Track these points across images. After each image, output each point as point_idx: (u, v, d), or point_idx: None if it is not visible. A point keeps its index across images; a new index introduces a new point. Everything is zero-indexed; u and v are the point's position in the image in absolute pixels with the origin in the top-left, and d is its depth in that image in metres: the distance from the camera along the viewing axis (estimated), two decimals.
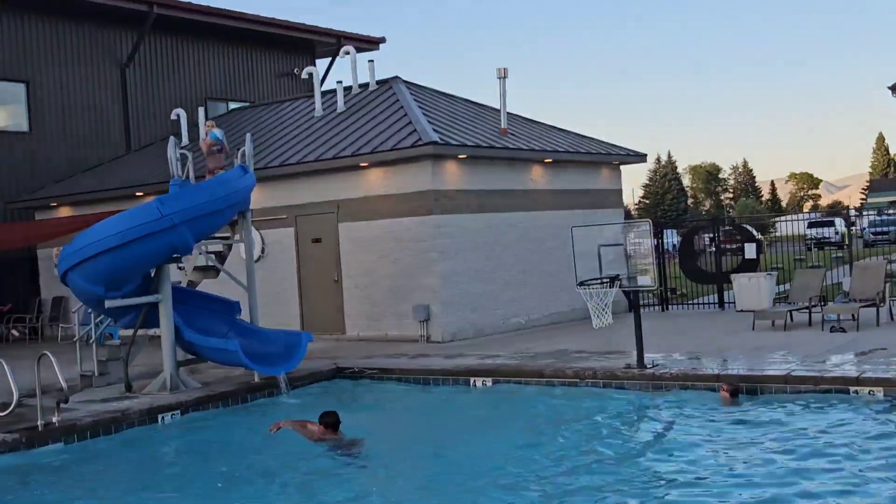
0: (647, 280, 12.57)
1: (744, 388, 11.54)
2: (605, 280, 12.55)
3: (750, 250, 20.88)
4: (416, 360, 15.16)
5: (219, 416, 12.73)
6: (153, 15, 26.53)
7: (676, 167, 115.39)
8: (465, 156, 17.75)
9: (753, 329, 16.42)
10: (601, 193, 21.80)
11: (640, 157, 22.76)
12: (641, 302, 22.18)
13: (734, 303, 19.93)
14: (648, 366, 12.85)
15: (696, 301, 22.21)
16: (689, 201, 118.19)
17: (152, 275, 13.64)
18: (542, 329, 18.87)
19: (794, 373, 11.69)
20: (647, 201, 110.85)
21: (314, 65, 33.13)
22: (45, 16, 25.42)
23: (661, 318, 20.31)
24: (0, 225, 23.38)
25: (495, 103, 20.01)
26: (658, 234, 22.29)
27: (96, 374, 14.56)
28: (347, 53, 22.34)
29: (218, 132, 15.20)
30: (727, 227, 24.17)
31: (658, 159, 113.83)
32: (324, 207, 18.74)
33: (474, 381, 13.78)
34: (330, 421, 10.39)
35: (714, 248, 21.60)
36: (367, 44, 33.76)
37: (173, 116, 23.53)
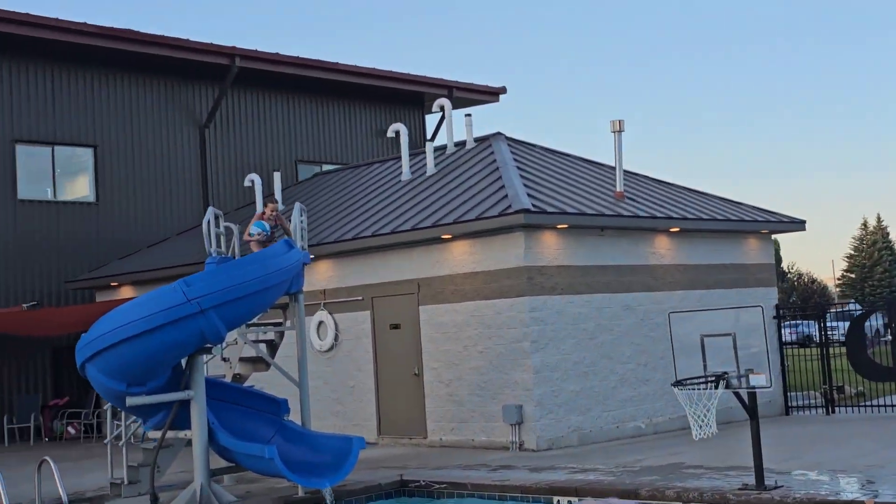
0: (761, 380, 11.90)
1: None
2: (709, 379, 11.96)
3: None
4: (496, 473, 14.81)
5: None
6: (235, 69, 27.64)
7: (888, 233, 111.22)
8: (565, 225, 17.48)
9: None
10: (747, 269, 21.06)
11: (798, 224, 21.94)
12: (801, 404, 21.40)
13: None
14: (771, 486, 12.11)
15: (872, 403, 21.01)
16: None
17: (184, 367, 13.86)
18: (666, 436, 18.19)
19: None
20: (853, 275, 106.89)
21: (423, 120, 33.73)
22: (114, 72, 26.83)
23: (821, 423, 19.30)
24: (58, 309, 24.46)
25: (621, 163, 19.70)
26: (820, 318, 21.32)
27: (125, 482, 14.82)
28: (442, 108, 22.55)
29: (265, 224, 15.41)
30: None
31: (864, 224, 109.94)
32: (403, 287, 18.77)
33: (558, 500, 13.32)
34: None
35: (891, 337, 20.42)
36: (485, 95, 34.14)
37: (247, 183, 24.23)
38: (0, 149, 25.06)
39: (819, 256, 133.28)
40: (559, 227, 17.55)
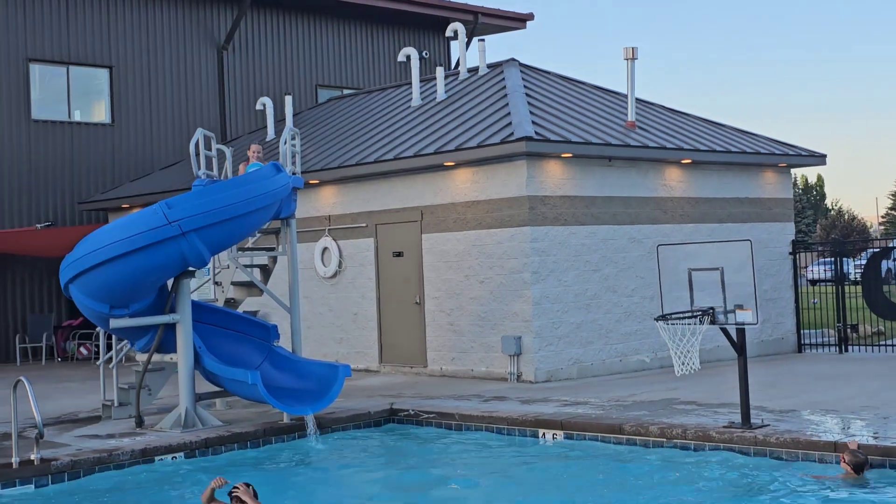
0: (748, 316, 11.55)
1: (869, 462, 10.40)
2: (695, 314, 11.64)
3: None
4: (487, 405, 14.64)
5: (227, 462, 12.62)
6: None
7: None
8: (569, 154, 17.07)
9: None
10: (762, 203, 20.55)
11: (818, 158, 21.35)
12: (815, 342, 20.99)
13: None
14: (756, 425, 11.83)
15: (886, 343, 20.59)
16: None
17: (171, 290, 13.75)
18: (670, 371, 17.77)
19: None
20: None
21: (448, 46, 33.16)
22: None
23: (831, 362, 18.92)
24: (72, 229, 24.45)
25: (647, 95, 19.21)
26: (837, 255, 20.82)
27: (116, 403, 14.84)
28: (455, 32, 22.06)
29: (260, 165, 15.10)
30: None
31: None
32: (406, 215, 18.51)
33: (543, 433, 13.13)
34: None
35: None
36: (512, 21, 33.47)
37: (258, 106, 23.98)
38: (14, 68, 24.92)
39: (865, 194, 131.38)
40: (564, 156, 17.15)
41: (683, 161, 18.90)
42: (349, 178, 19.23)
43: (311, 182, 19.73)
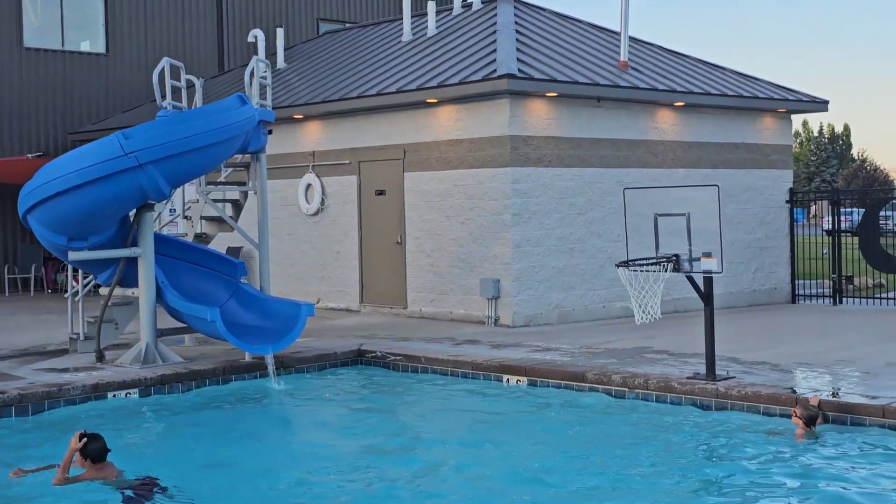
0: (712, 264, 11.14)
1: (823, 417, 10.06)
2: (658, 261, 11.24)
3: None
4: (457, 348, 14.34)
5: (181, 400, 12.39)
6: None
7: None
8: (554, 94, 16.57)
9: None
10: (759, 149, 20.01)
11: (819, 105, 20.74)
12: (811, 292, 20.52)
13: None
14: (721, 376, 11.48)
15: (881, 296, 20.12)
16: None
17: (132, 222, 13.44)
18: (659, 319, 17.50)
19: (895, 404, 10.04)
20: None
21: None
22: None
23: (820, 314, 18.50)
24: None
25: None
26: (835, 205, 20.28)
27: (82, 337, 14.63)
28: None
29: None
30: None
31: None
32: (389, 153, 18.10)
33: (507, 379, 12.83)
34: (91, 450, 8.35)
35: None
36: None
37: (250, 38, 23.42)
38: None
39: (893, 145, 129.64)
40: (549, 95, 16.65)
41: (676, 104, 18.36)
42: (333, 113, 18.81)
43: (295, 117, 19.35)
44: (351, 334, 15.98)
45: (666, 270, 11.19)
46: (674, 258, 11.29)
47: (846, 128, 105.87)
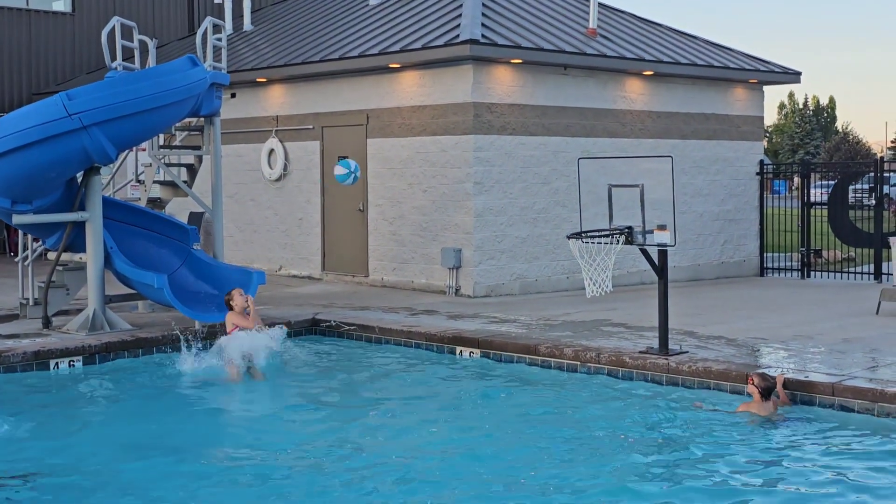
0: (665, 237, 10.88)
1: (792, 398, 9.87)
2: (611, 233, 10.97)
3: None
4: (413, 318, 14.08)
5: (127, 367, 12.12)
6: None
7: None
8: (519, 60, 16.23)
9: (877, 313, 14.31)
10: (730, 120, 19.73)
11: (791, 76, 20.44)
12: (780, 266, 20.31)
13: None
14: (675, 351, 11.25)
15: (848, 270, 19.92)
16: None
17: (80, 186, 13.10)
18: (619, 290, 17.19)
19: (847, 382, 9.82)
20: None
21: None
22: None
23: (787, 287, 18.30)
24: None
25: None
26: (805, 177, 20.05)
27: (31, 302, 14.30)
28: None
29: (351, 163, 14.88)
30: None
31: None
32: (352, 118, 17.75)
33: (460, 351, 12.58)
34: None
35: (875, 201, 19.15)
36: None
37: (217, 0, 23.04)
38: None
39: (877, 118, 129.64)
40: (514, 62, 16.31)
41: (645, 73, 18.05)
42: (297, 77, 18.44)
43: (259, 80, 18.98)
44: (309, 303, 15.71)
45: (618, 243, 10.94)
46: (626, 230, 11.02)
47: (831, 100, 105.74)
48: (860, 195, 25.23)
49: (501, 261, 16.50)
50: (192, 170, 15.17)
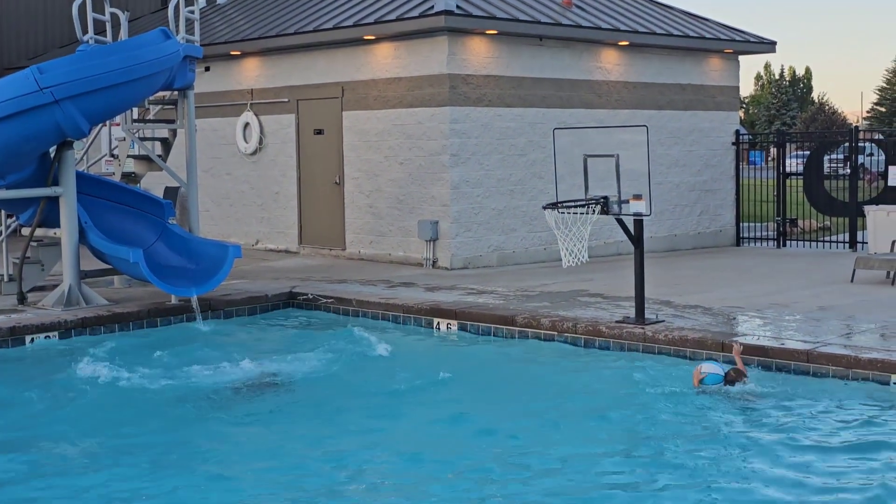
0: (640, 206, 10.90)
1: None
2: (587, 203, 10.99)
3: (894, 176, 18.46)
4: (390, 291, 14.07)
5: (104, 342, 12.05)
6: None
7: None
8: (494, 31, 16.18)
9: (852, 281, 14.41)
10: (706, 90, 19.75)
11: (767, 45, 20.46)
12: (755, 235, 20.40)
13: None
14: (651, 320, 11.30)
15: (824, 239, 20.05)
16: None
17: (53, 160, 12.99)
18: (596, 261, 17.24)
19: (822, 349, 9.89)
20: (883, 109, 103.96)
21: None
22: None
23: (763, 256, 18.40)
24: None
25: None
26: (780, 147, 20.12)
27: (5, 279, 14.21)
28: None
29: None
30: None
31: None
32: (327, 91, 17.67)
33: (437, 323, 12.59)
34: None
35: (850, 171, 19.25)
36: None
37: None
38: None
39: (853, 89, 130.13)
40: (489, 32, 16.25)
41: (621, 43, 18.03)
42: (271, 50, 18.33)
43: (233, 53, 18.87)
44: (286, 276, 15.68)
45: (594, 213, 10.95)
46: (602, 200, 11.04)
47: (807, 71, 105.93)
48: (836, 165, 25.36)
49: (478, 233, 16.51)
50: (166, 144, 15.08)
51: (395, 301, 13.24)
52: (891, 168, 18.61)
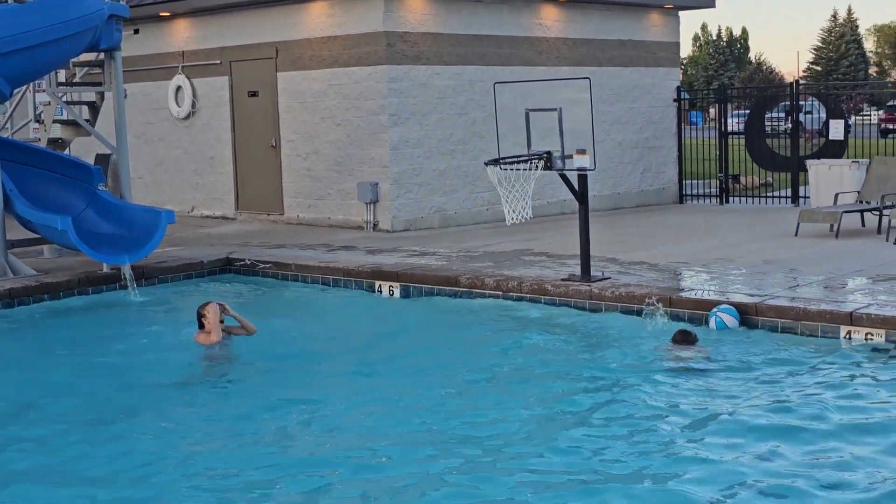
0: (584, 161, 10.70)
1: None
2: (530, 158, 10.77)
3: (836, 129, 18.48)
4: (330, 255, 13.78)
5: (33, 313, 11.66)
6: None
7: (857, 27, 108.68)
8: None
9: (797, 235, 14.37)
10: (647, 46, 19.59)
11: (707, 1, 20.32)
12: (698, 192, 20.36)
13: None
14: (597, 278, 11.13)
15: (766, 194, 20.06)
16: (872, 70, 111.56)
17: None
18: (541, 220, 17.06)
19: (769, 302, 9.79)
20: (818, 68, 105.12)
21: None
22: None
23: (705, 213, 18.35)
24: None
25: None
26: (721, 103, 20.06)
27: None
28: None
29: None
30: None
31: (834, 16, 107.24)
32: (261, 51, 17.24)
33: (379, 285, 12.32)
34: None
35: (790, 126, 19.24)
36: None
37: None
38: None
39: (789, 49, 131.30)
40: None
41: None
42: (202, 10, 17.83)
43: (162, 15, 18.34)
44: (223, 243, 15.32)
45: (537, 168, 10.73)
46: (545, 155, 10.82)
47: (744, 31, 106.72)
48: (776, 123, 25.43)
49: (419, 194, 16.24)
50: (94, 108, 14.60)
51: (336, 264, 12.95)
52: (832, 122, 18.62)
